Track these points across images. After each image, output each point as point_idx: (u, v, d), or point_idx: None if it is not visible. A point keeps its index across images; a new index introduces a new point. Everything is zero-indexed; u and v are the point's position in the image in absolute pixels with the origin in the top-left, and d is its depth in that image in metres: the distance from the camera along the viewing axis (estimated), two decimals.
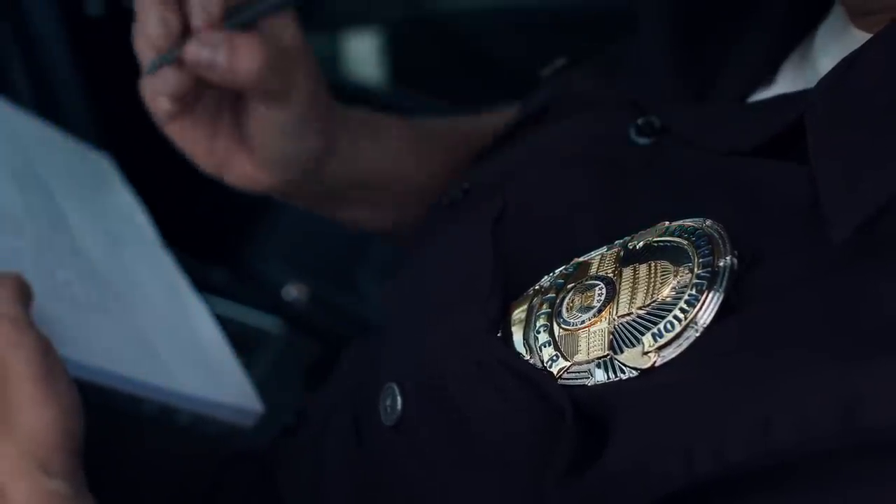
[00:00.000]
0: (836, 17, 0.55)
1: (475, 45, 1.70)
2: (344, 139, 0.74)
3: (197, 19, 0.64)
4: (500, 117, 0.79)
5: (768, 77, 0.58)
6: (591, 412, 0.45)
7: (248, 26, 0.63)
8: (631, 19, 0.67)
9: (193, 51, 0.63)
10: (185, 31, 0.65)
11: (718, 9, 0.62)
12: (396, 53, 1.75)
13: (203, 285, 1.10)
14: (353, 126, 0.75)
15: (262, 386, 1.10)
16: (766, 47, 0.59)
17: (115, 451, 0.84)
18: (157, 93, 0.67)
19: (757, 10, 0.60)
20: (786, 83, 0.57)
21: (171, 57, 0.63)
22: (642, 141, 0.56)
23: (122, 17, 1.35)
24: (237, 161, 0.72)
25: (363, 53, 1.74)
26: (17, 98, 0.93)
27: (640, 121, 0.56)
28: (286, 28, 0.66)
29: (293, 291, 1.06)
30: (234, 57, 0.63)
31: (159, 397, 0.71)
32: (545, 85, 0.69)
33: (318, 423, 0.67)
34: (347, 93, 1.71)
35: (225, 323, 1.14)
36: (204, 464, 0.82)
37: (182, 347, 0.75)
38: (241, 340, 1.14)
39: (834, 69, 0.48)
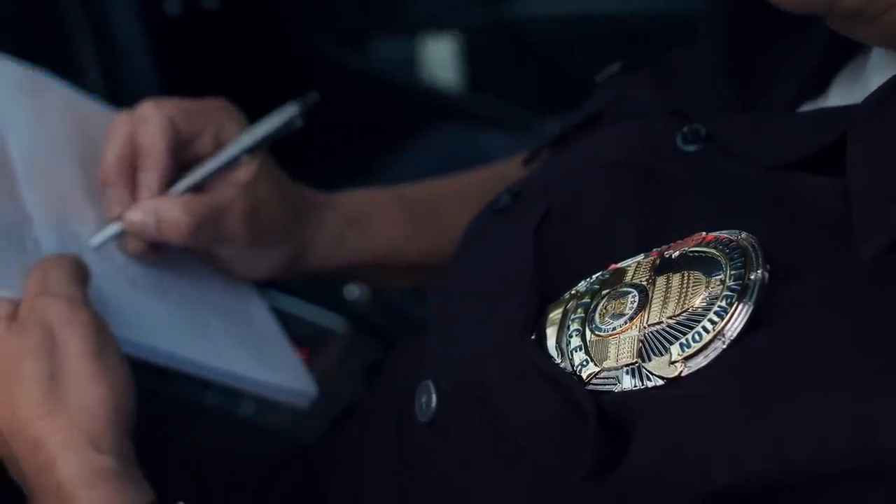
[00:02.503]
0: None
1: (551, 52, 1.70)
2: (320, 238, 0.80)
3: (140, 191, 0.72)
4: (508, 168, 0.82)
5: (820, 89, 0.58)
6: (616, 418, 0.45)
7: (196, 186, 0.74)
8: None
9: (129, 219, 0.71)
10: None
11: (774, 19, 0.62)
12: (473, 58, 1.75)
13: (267, 280, 1.12)
14: (334, 223, 0.81)
15: (325, 384, 1.11)
16: (820, 59, 0.58)
17: (175, 440, 0.87)
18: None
19: (813, 21, 0.60)
20: (837, 96, 0.57)
21: (117, 231, 0.72)
22: (689, 148, 0.56)
23: (199, 17, 1.39)
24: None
25: (440, 58, 1.75)
26: (92, 91, 0.95)
27: (685, 129, 0.56)
28: (229, 187, 0.74)
29: (355, 291, 1.07)
30: (159, 225, 0.71)
31: (214, 378, 0.72)
32: (599, 91, 0.70)
33: (364, 421, 0.68)
34: (423, 96, 1.74)
35: (290, 320, 1.16)
36: (260, 460, 0.83)
37: (237, 330, 0.77)
38: (306, 338, 1.16)
39: (881, 87, 0.47)
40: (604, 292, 0.50)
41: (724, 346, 0.44)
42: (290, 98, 0.78)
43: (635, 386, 0.46)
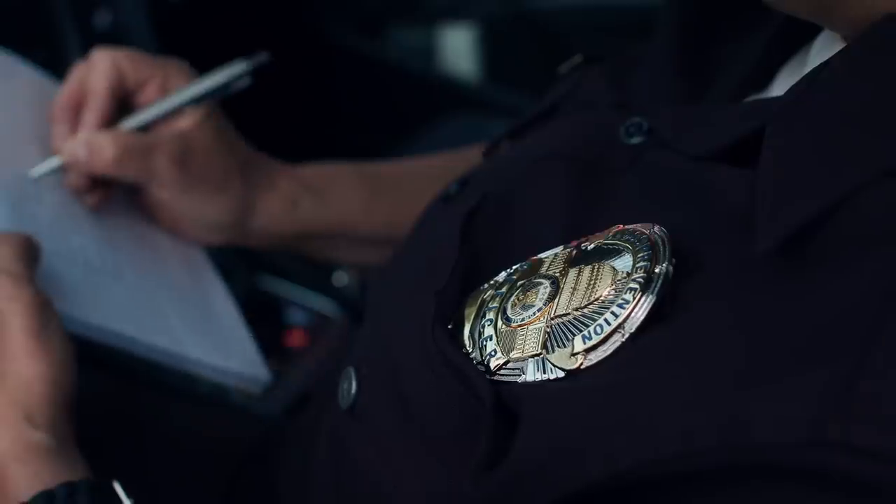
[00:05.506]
0: None
1: (570, 43, 1.69)
2: (271, 200, 0.81)
3: (80, 127, 0.76)
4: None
5: (765, 81, 0.57)
6: (515, 410, 0.45)
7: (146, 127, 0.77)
8: None
9: (64, 149, 0.75)
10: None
11: (727, 11, 0.61)
12: (491, 48, 1.75)
13: (258, 265, 1.12)
14: (288, 188, 0.82)
15: (320, 369, 1.12)
16: (765, 51, 0.58)
17: (165, 426, 0.87)
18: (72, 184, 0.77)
19: (759, 14, 0.59)
20: (779, 89, 0.56)
21: (56, 164, 0.75)
22: (631, 142, 0.55)
23: (201, 4, 1.39)
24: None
25: (459, 47, 1.75)
26: None
27: (628, 122, 0.56)
28: (166, 131, 0.77)
29: (344, 277, 1.08)
30: (90, 154, 0.74)
31: (164, 360, 0.73)
32: (561, 82, 0.69)
33: (314, 409, 0.69)
34: (442, 86, 1.73)
35: (286, 305, 1.16)
36: (241, 447, 0.84)
37: (192, 312, 0.78)
38: (303, 324, 1.16)
39: (799, 81, 0.47)
40: (519, 283, 0.49)
41: (624, 339, 0.43)
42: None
43: (537, 378, 0.45)
